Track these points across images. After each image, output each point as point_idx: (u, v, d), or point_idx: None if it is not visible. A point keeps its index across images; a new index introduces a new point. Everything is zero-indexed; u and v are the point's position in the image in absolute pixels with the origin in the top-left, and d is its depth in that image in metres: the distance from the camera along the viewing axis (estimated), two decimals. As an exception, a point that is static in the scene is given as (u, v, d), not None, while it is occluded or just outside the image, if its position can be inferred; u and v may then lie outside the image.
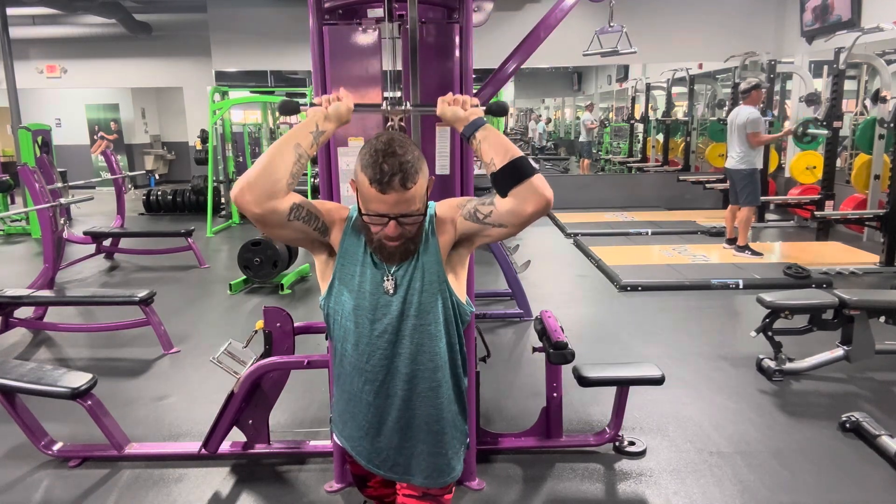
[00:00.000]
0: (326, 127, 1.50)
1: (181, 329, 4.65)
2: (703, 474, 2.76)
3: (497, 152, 1.43)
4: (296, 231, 1.48)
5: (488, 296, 5.32)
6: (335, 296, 1.54)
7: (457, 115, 1.50)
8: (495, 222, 1.46)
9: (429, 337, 1.51)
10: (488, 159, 1.44)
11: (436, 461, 1.58)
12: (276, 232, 1.47)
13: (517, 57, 2.73)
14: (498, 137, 1.46)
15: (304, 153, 1.45)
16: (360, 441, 1.61)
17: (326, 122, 1.50)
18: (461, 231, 1.51)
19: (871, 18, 7.06)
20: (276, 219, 1.43)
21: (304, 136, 1.46)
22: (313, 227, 1.50)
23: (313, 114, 1.50)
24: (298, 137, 1.46)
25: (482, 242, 1.56)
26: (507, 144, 1.44)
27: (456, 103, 1.51)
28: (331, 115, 1.50)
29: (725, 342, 4.30)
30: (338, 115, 1.51)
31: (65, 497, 2.67)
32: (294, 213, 1.45)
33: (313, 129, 1.48)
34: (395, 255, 1.47)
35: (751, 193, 6.23)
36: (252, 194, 1.38)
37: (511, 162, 1.40)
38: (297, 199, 1.46)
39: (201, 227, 8.50)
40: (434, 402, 1.55)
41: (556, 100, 20.91)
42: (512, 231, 1.48)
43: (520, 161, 1.40)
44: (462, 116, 1.49)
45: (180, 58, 11.94)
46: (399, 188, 1.36)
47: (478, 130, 1.46)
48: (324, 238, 1.53)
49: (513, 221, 1.44)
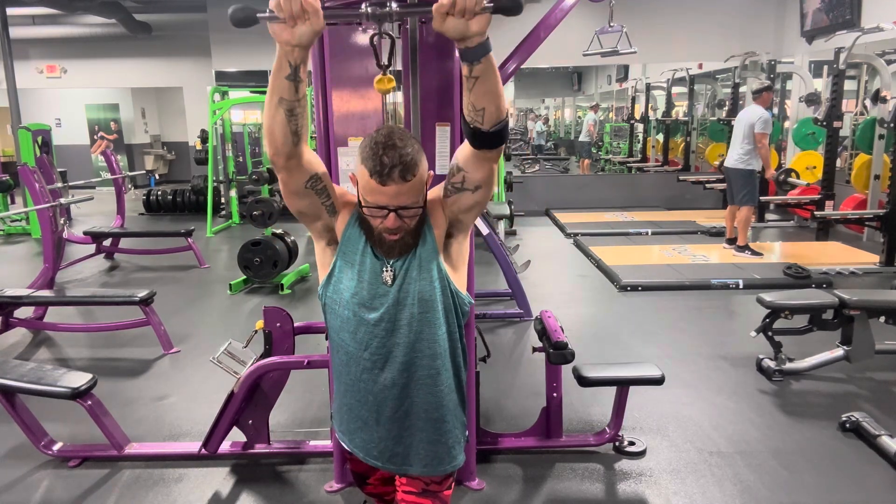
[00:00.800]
0: (298, 56, 1.29)
1: (181, 329, 4.65)
2: (703, 474, 2.76)
3: (491, 101, 1.33)
4: (309, 201, 1.50)
5: (488, 296, 5.32)
6: (334, 284, 1.55)
7: (462, 31, 1.24)
8: (471, 185, 1.48)
9: (428, 325, 1.51)
10: (479, 104, 1.33)
11: (435, 449, 1.59)
12: (293, 200, 1.50)
13: (517, 57, 2.73)
14: (496, 79, 1.32)
15: (293, 102, 1.34)
16: (358, 433, 1.61)
17: (297, 49, 1.28)
18: (448, 212, 1.54)
19: (871, 18, 7.06)
20: (296, 182, 1.46)
21: (282, 86, 1.32)
22: (324, 202, 1.52)
23: (279, 50, 1.29)
24: (278, 90, 1.33)
25: (470, 216, 1.56)
26: (501, 93, 1.34)
27: (458, 14, 1.22)
28: (300, 36, 1.26)
29: (725, 342, 4.30)
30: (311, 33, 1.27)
31: (65, 497, 2.67)
32: (312, 182, 1.47)
33: (287, 72, 1.30)
34: (395, 248, 1.49)
35: (748, 193, 6.23)
36: (277, 158, 1.42)
37: (500, 129, 1.38)
38: (320, 171, 1.49)
39: (201, 227, 8.50)
40: (433, 389, 1.55)
41: (556, 100, 20.90)
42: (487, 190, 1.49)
43: (505, 126, 1.40)
44: (471, 33, 1.24)
45: (180, 58, 11.95)
46: (399, 180, 1.37)
47: (484, 56, 1.27)
48: (330, 218, 1.54)
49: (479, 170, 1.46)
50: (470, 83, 1.32)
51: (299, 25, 1.25)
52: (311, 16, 1.24)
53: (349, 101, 2.35)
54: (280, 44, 1.28)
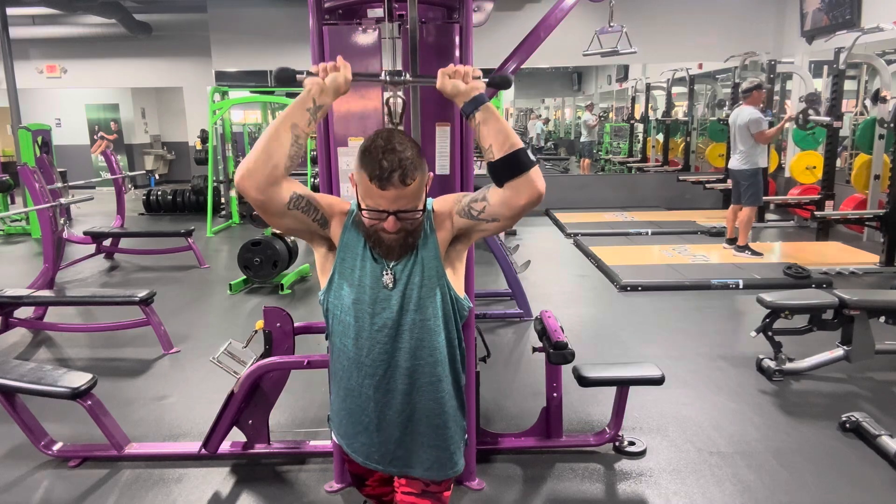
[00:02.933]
0: (324, 101, 1.44)
1: (181, 329, 4.65)
2: (703, 474, 2.76)
3: (496, 139, 1.41)
4: (295, 220, 1.48)
5: (488, 296, 5.32)
6: (335, 290, 1.55)
7: (457, 89, 1.44)
8: (489, 217, 1.47)
9: (428, 331, 1.51)
10: (486, 144, 1.42)
11: (438, 454, 1.59)
12: (275, 220, 1.48)
13: (517, 57, 2.73)
14: (498, 122, 1.42)
15: (302, 133, 1.42)
16: (357, 437, 1.61)
17: (323, 95, 1.44)
18: (458, 227, 1.53)
19: (871, 18, 7.06)
20: (275, 206, 1.44)
21: (300, 115, 1.42)
22: (312, 218, 1.50)
23: (309, 87, 1.43)
24: (294, 116, 1.41)
25: (478, 237, 1.57)
26: (507, 131, 1.42)
27: (457, 76, 1.44)
28: (328, 86, 1.44)
29: (725, 342, 4.30)
30: (336, 87, 1.45)
31: (65, 497, 2.67)
32: (294, 203, 1.46)
33: (310, 106, 1.42)
34: (395, 249, 1.48)
35: (753, 194, 6.23)
36: (252, 180, 1.39)
37: (511, 154, 1.40)
38: (299, 189, 1.47)
39: (201, 227, 8.50)
40: (434, 396, 1.55)
41: (556, 100, 20.90)
42: (506, 224, 1.49)
43: (519, 153, 1.40)
44: (463, 90, 1.44)
45: (180, 58, 11.95)
46: (398, 184, 1.37)
47: (478, 109, 1.42)
48: (323, 231, 1.53)
49: (505, 214, 1.45)
50: (476, 130, 1.44)
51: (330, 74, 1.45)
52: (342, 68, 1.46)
53: (349, 101, 2.35)
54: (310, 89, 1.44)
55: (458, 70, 1.44)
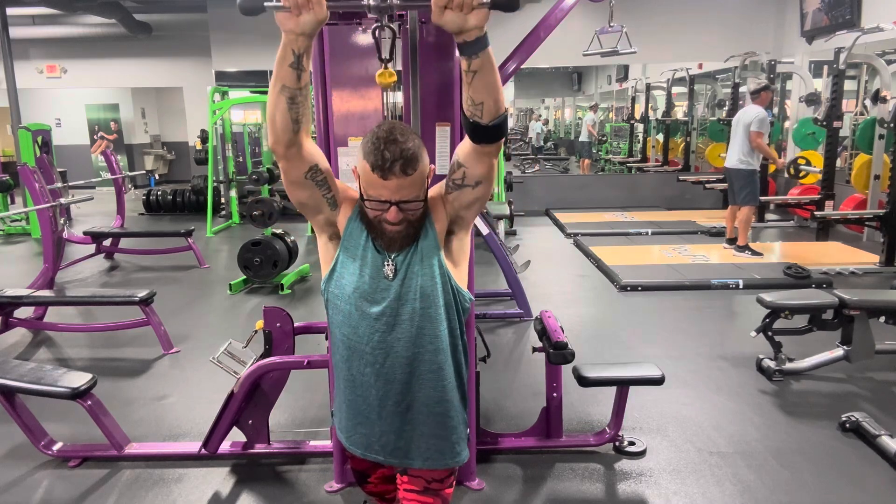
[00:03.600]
0: (302, 44, 1.33)
1: (181, 329, 4.65)
2: (703, 474, 2.76)
3: (489, 96, 1.35)
4: (309, 193, 1.52)
5: (488, 296, 5.32)
6: (336, 279, 1.56)
7: (461, 25, 1.27)
8: (472, 181, 1.50)
9: (429, 320, 1.52)
10: (478, 100, 1.35)
11: (437, 443, 1.59)
12: (292, 190, 1.52)
13: (517, 57, 2.73)
14: (494, 73, 1.34)
15: (295, 92, 1.37)
16: (357, 428, 1.61)
17: (300, 38, 1.32)
18: (449, 208, 1.55)
19: (871, 18, 7.07)
20: (296, 173, 1.48)
21: (285, 74, 1.35)
22: (324, 195, 1.53)
23: (284, 38, 1.33)
24: (281, 78, 1.36)
25: (471, 213, 1.57)
26: (499, 87, 1.36)
27: (457, 8, 1.25)
28: (301, 28, 1.30)
29: (725, 342, 4.30)
30: (315, 22, 1.31)
31: (65, 497, 2.67)
32: (311, 173, 1.49)
33: (290, 59, 1.34)
34: (397, 241, 1.50)
35: (749, 193, 6.23)
36: (277, 146, 1.44)
37: (500, 122, 1.40)
38: (321, 163, 1.50)
39: (201, 227, 8.50)
40: (435, 384, 1.56)
41: (556, 100, 20.90)
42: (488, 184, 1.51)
43: (505, 120, 1.41)
44: (469, 26, 1.27)
45: (180, 58, 11.95)
46: (400, 174, 1.40)
47: (481, 51, 1.30)
48: (331, 212, 1.56)
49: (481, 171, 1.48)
50: (469, 77, 1.34)
51: (304, 14, 1.29)
52: (315, 5, 1.29)
53: (349, 101, 2.35)
54: (285, 32, 1.32)
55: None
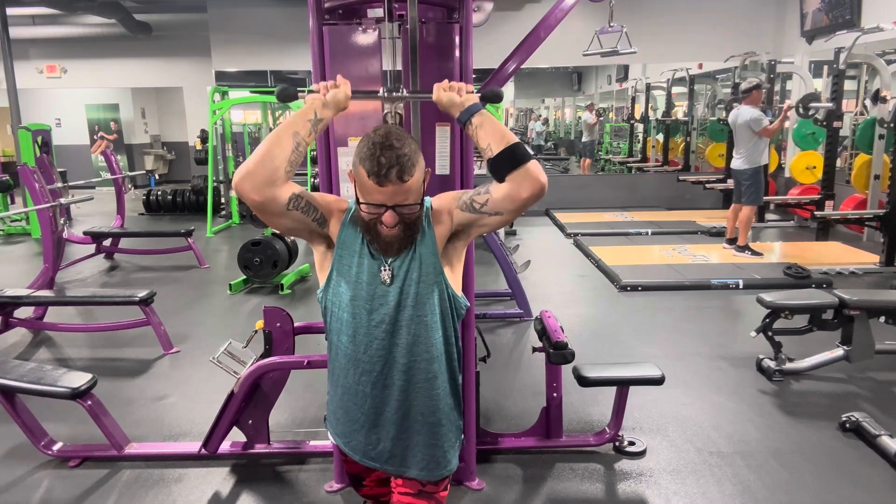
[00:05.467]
0: (324, 114, 1.52)
1: (181, 329, 4.65)
2: (703, 474, 2.76)
3: (493, 138, 1.47)
4: (294, 220, 1.51)
5: (488, 296, 5.32)
6: (333, 287, 1.56)
7: (452, 101, 1.54)
8: (491, 210, 1.50)
9: (425, 327, 1.52)
10: (485, 145, 1.48)
11: (432, 453, 1.59)
12: (275, 221, 1.50)
13: (517, 57, 2.73)
14: (493, 123, 1.50)
15: (303, 141, 1.47)
16: (354, 435, 1.61)
17: (324, 109, 1.52)
18: (458, 222, 1.54)
19: (871, 18, 7.06)
20: (275, 207, 1.46)
21: (302, 125, 1.48)
22: (311, 217, 1.52)
23: (311, 101, 1.51)
24: (296, 125, 1.47)
25: (478, 233, 1.58)
26: (502, 130, 1.49)
27: (452, 90, 1.54)
28: (329, 102, 1.52)
29: (725, 342, 4.30)
30: (336, 103, 1.53)
31: (65, 497, 2.67)
32: (293, 203, 1.48)
33: (311, 117, 1.49)
34: (393, 245, 1.49)
35: (753, 193, 6.23)
36: (251, 182, 1.41)
37: (508, 148, 1.44)
38: (297, 190, 1.49)
39: (201, 227, 8.50)
40: (429, 393, 1.56)
41: (556, 100, 20.91)
42: (507, 218, 1.52)
43: (516, 147, 1.44)
44: (458, 102, 1.53)
45: (180, 58, 11.95)
46: (396, 180, 1.39)
47: (473, 116, 1.50)
48: (322, 229, 1.55)
49: (508, 207, 1.48)
50: (474, 136, 1.50)
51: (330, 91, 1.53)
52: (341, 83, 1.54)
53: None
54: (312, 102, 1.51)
55: (452, 84, 1.55)
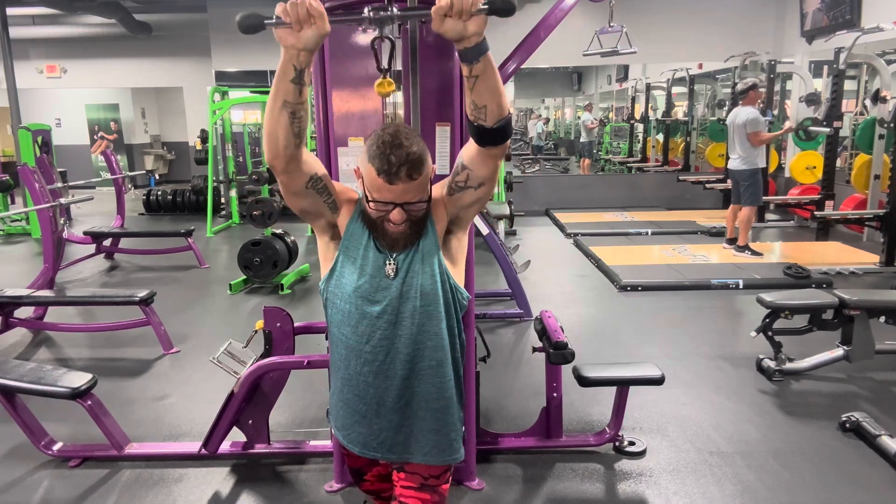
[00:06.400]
0: (304, 59, 1.32)
1: (181, 329, 4.65)
2: (703, 474, 2.76)
3: (492, 100, 1.35)
4: (310, 201, 1.53)
5: (488, 296, 5.31)
6: (336, 278, 1.57)
7: (461, 32, 1.27)
8: (475, 183, 1.51)
9: (429, 317, 1.54)
10: (481, 103, 1.36)
11: (437, 438, 1.60)
12: (293, 200, 1.52)
13: (517, 57, 2.73)
14: (495, 77, 1.35)
15: (296, 106, 1.36)
16: (354, 427, 1.62)
17: (303, 53, 1.31)
18: (450, 209, 1.57)
19: (871, 18, 7.06)
20: (296, 185, 1.49)
21: (286, 89, 1.34)
22: (325, 200, 1.54)
23: (284, 54, 1.31)
24: (282, 94, 1.35)
25: (472, 213, 1.59)
26: (501, 91, 1.37)
27: (456, 15, 1.25)
28: (306, 40, 1.29)
29: (725, 342, 4.30)
30: (317, 37, 1.30)
31: (65, 497, 2.67)
32: (312, 182, 1.50)
33: (292, 75, 1.33)
34: (399, 242, 1.51)
35: (753, 193, 6.23)
36: (276, 161, 1.44)
37: (504, 124, 1.41)
38: (319, 171, 1.51)
39: (201, 227, 8.50)
40: (435, 380, 1.57)
41: (556, 100, 20.91)
42: (489, 186, 1.52)
43: (509, 122, 1.42)
44: (469, 33, 1.27)
45: (180, 58, 11.95)
46: (406, 179, 1.40)
47: (479, 59, 1.31)
48: (332, 215, 1.57)
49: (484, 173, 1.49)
50: (471, 82, 1.35)
51: (305, 30, 1.28)
52: (317, 19, 1.28)
53: (349, 101, 2.35)
54: (286, 48, 1.31)
55: (454, 3, 1.24)
